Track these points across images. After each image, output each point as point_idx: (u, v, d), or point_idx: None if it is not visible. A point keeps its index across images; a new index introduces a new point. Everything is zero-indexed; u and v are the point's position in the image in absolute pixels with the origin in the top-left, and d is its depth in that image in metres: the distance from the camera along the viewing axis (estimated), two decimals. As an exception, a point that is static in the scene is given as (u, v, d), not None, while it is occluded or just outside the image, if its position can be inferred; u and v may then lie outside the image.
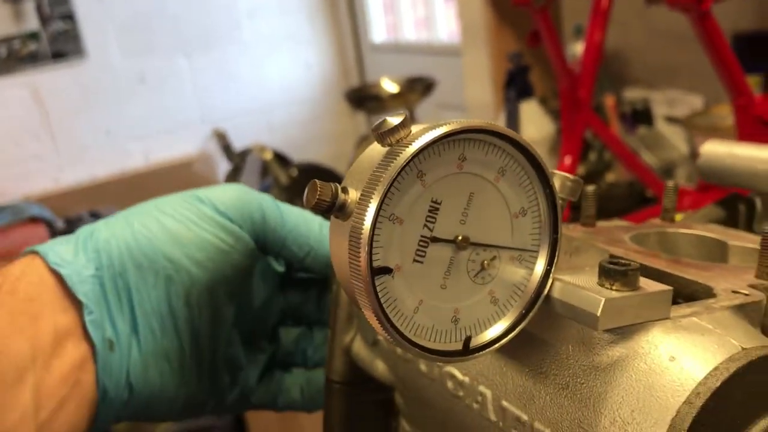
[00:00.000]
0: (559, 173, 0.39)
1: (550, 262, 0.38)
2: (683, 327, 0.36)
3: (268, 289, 0.63)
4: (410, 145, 0.33)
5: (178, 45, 3.27)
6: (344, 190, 0.34)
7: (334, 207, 0.34)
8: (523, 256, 0.38)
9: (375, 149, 0.36)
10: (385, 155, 0.34)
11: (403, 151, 0.33)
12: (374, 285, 0.34)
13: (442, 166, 0.35)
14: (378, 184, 0.33)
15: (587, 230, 0.55)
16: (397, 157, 0.33)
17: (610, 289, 0.36)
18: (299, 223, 0.60)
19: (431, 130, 0.33)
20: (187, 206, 0.58)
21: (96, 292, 0.53)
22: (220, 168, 3.11)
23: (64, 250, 0.54)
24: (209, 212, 0.58)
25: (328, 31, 3.66)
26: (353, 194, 0.34)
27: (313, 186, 0.34)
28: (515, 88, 1.91)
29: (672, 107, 1.95)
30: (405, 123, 0.34)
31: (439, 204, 0.35)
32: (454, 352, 0.37)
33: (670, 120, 1.91)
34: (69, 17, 3.04)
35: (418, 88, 2.41)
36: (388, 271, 0.34)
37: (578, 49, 1.94)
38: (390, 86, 2.44)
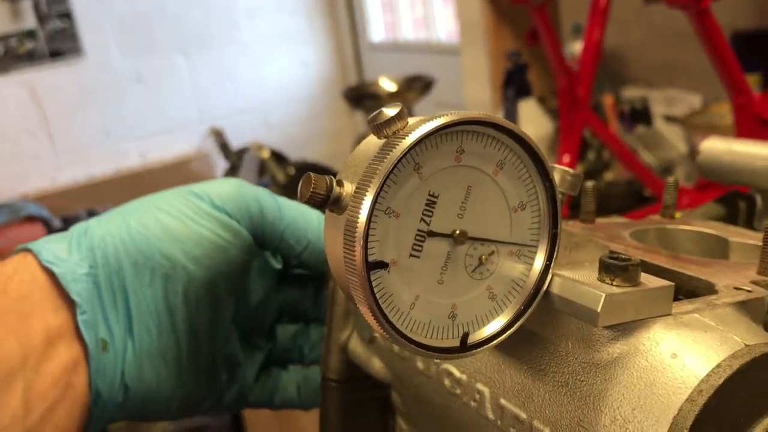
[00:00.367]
0: (559, 167, 0.39)
1: (550, 258, 0.37)
2: (685, 323, 0.36)
3: (265, 285, 0.62)
4: (407, 137, 0.32)
5: (176, 44, 3.26)
6: (339, 183, 0.34)
7: (329, 200, 0.33)
8: (522, 251, 0.37)
9: (371, 141, 0.35)
10: (381, 147, 0.33)
11: (400, 143, 0.32)
12: (370, 280, 0.33)
13: (440, 158, 0.34)
14: (374, 177, 0.32)
15: (586, 227, 0.54)
16: (394, 149, 0.32)
17: (611, 285, 0.35)
18: (297, 216, 0.59)
19: (428, 122, 0.33)
20: (184, 202, 0.57)
21: (90, 291, 0.52)
22: (218, 167, 3.10)
23: (57, 248, 0.53)
24: (206, 207, 0.57)
25: (327, 30, 3.65)
26: (348, 187, 0.33)
27: (308, 179, 0.33)
28: (514, 86, 1.90)
29: (671, 106, 1.94)
30: (401, 115, 0.33)
31: (437, 197, 0.34)
32: (451, 349, 0.36)
33: (669, 119, 1.91)
34: (66, 16, 3.03)
35: (416, 87, 2.41)
36: (384, 265, 0.33)
37: (577, 47, 1.94)
38: (388, 85, 2.44)
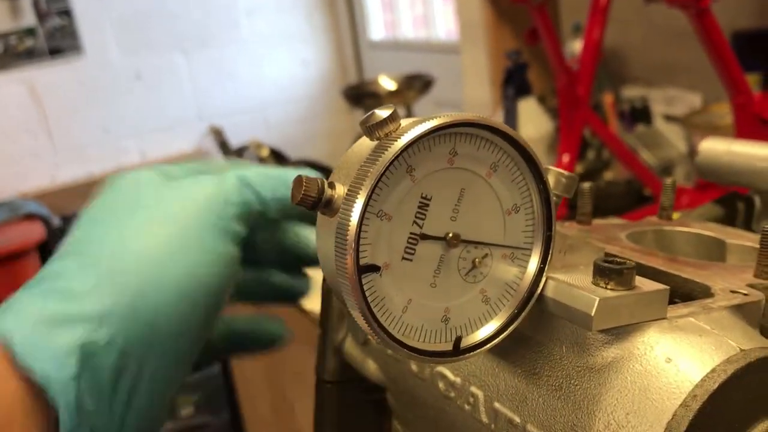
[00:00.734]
0: (554, 169, 0.38)
1: (544, 261, 0.37)
2: (680, 327, 0.35)
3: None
4: (399, 139, 0.32)
5: (176, 42, 3.26)
6: (331, 185, 0.33)
7: (320, 203, 0.33)
8: (516, 254, 0.37)
9: (363, 143, 0.35)
10: (373, 149, 0.33)
11: (392, 145, 0.32)
12: (361, 283, 0.33)
13: (433, 160, 0.34)
14: (365, 179, 0.32)
15: (583, 228, 0.54)
16: (386, 151, 0.32)
17: (605, 288, 0.35)
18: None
19: (421, 124, 0.32)
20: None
21: (82, 392, 0.40)
22: (217, 165, 3.10)
23: (38, 338, 0.39)
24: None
25: (326, 29, 3.65)
26: (340, 189, 0.33)
27: (299, 181, 0.33)
28: (513, 85, 1.90)
29: (671, 105, 1.94)
30: (394, 116, 0.33)
31: (429, 200, 0.34)
32: (445, 353, 0.36)
33: (669, 118, 1.90)
34: (66, 13, 3.02)
35: (416, 85, 2.40)
36: (376, 269, 0.33)
37: (577, 46, 1.93)
38: (388, 83, 2.43)
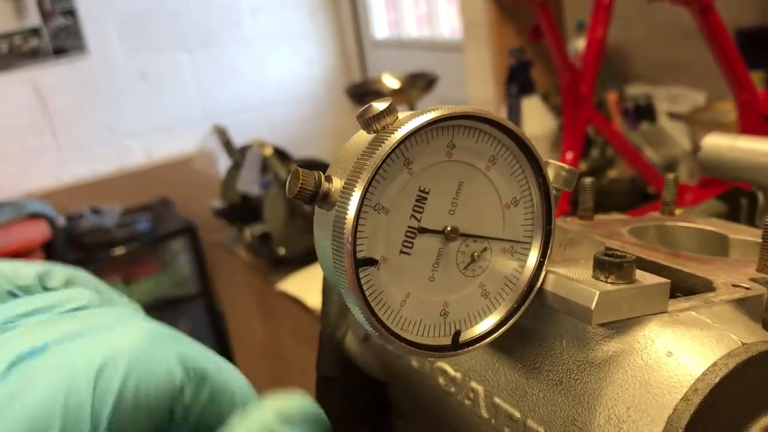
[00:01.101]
0: (554, 163, 0.38)
1: (543, 254, 0.37)
2: (681, 321, 0.35)
3: None
4: (396, 132, 0.32)
5: (180, 41, 3.26)
6: (328, 178, 0.33)
7: (317, 196, 0.33)
8: (515, 248, 0.37)
9: (361, 136, 0.34)
10: (370, 142, 0.33)
11: (389, 138, 0.32)
12: (359, 277, 0.32)
13: (430, 153, 0.34)
14: (362, 172, 0.32)
15: (585, 224, 0.54)
16: (383, 144, 0.32)
17: (605, 282, 0.34)
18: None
19: (418, 116, 0.32)
20: None
21: None
22: (221, 164, 3.10)
23: None
24: None
25: (330, 28, 3.64)
26: (337, 183, 0.33)
27: (296, 174, 0.32)
28: (517, 84, 1.90)
29: (674, 103, 1.93)
30: (391, 109, 0.32)
31: (427, 193, 0.34)
32: (444, 347, 0.36)
33: (673, 116, 1.89)
34: (70, 13, 3.03)
35: (419, 84, 2.40)
36: (374, 262, 0.33)
37: (580, 44, 1.93)
38: (391, 82, 2.43)
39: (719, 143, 0.68)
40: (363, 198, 0.32)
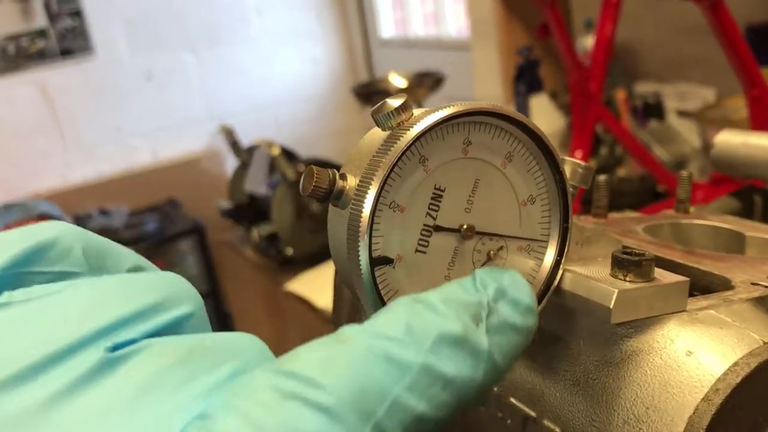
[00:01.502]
0: (570, 159, 0.37)
1: (561, 253, 0.36)
2: (700, 320, 0.34)
3: None
4: (412, 129, 0.31)
5: (186, 42, 3.26)
6: (342, 176, 0.33)
7: (331, 194, 0.32)
8: (532, 246, 0.36)
9: (375, 134, 0.34)
10: (385, 139, 0.32)
11: (404, 135, 0.31)
12: (374, 276, 0.32)
13: (446, 150, 0.33)
14: (377, 170, 0.31)
15: (598, 221, 0.53)
16: (398, 141, 0.31)
17: (624, 281, 0.34)
18: None
19: (434, 113, 0.32)
20: None
21: None
22: (228, 164, 3.10)
23: None
24: None
25: (337, 27, 3.64)
26: (352, 181, 0.32)
27: (310, 172, 0.32)
28: (525, 82, 1.89)
29: (683, 101, 1.92)
30: (406, 105, 0.32)
31: (443, 191, 0.33)
32: (459, 347, 0.35)
33: (682, 113, 1.89)
34: (77, 14, 3.03)
35: (427, 83, 2.39)
36: (389, 261, 0.32)
37: (589, 42, 1.92)
38: (398, 81, 2.42)
39: (731, 140, 0.67)
40: (378, 196, 0.31)
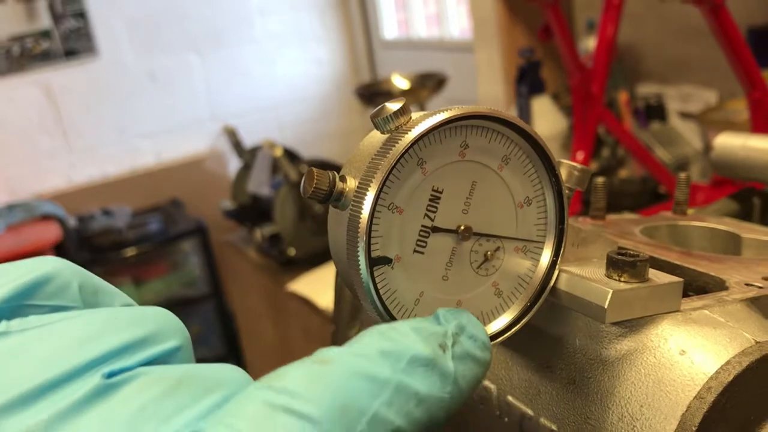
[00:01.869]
0: (566, 162, 0.38)
1: (557, 253, 0.37)
2: (694, 320, 0.35)
3: None
4: (410, 132, 0.32)
5: (190, 43, 3.27)
6: (342, 178, 0.33)
7: (331, 196, 0.33)
8: (528, 247, 0.37)
9: (374, 136, 0.35)
10: (384, 142, 0.33)
11: (403, 138, 0.32)
12: (373, 276, 0.33)
13: (444, 153, 0.34)
14: (377, 172, 0.32)
15: (596, 223, 0.54)
16: (397, 144, 0.32)
17: (618, 281, 0.35)
18: None
19: (432, 116, 0.32)
20: None
21: None
22: (231, 165, 3.11)
23: None
24: None
25: (340, 28, 3.65)
26: (351, 183, 0.33)
27: (310, 174, 0.33)
28: (527, 83, 1.89)
29: (685, 102, 1.93)
30: (405, 109, 0.33)
31: (441, 193, 0.34)
32: (457, 346, 0.36)
33: (684, 115, 1.89)
34: (81, 15, 3.04)
35: (429, 84, 2.40)
36: (387, 261, 0.33)
37: (591, 44, 1.93)
38: (401, 82, 2.43)
39: (731, 143, 0.68)
40: (377, 197, 0.32)
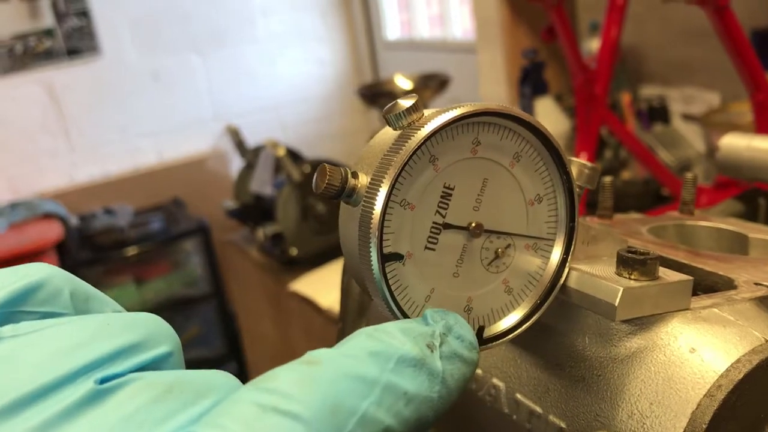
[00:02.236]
0: (577, 160, 0.38)
1: (567, 251, 0.37)
2: (704, 318, 0.35)
3: None
4: (422, 128, 0.32)
5: (192, 42, 3.27)
6: (354, 174, 0.33)
7: (343, 192, 0.33)
8: (539, 245, 0.37)
9: (386, 133, 0.35)
10: (396, 139, 0.33)
11: (415, 134, 0.32)
12: (384, 272, 0.33)
13: (456, 150, 0.34)
14: (389, 169, 0.32)
15: (604, 222, 0.54)
16: (409, 141, 0.32)
17: (629, 279, 0.35)
18: None
19: (444, 113, 0.33)
20: None
21: None
22: (233, 164, 3.11)
23: None
24: None
25: (342, 29, 3.65)
26: (363, 179, 0.33)
27: (323, 170, 0.33)
28: (530, 84, 1.90)
29: (689, 104, 1.93)
30: (417, 106, 0.33)
31: (452, 190, 0.34)
32: (467, 343, 0.36)
33: (687, 117, 1.89)
34: (84, 14, 3.05)
35: (432, 84, 2.40)
36: (399, 257, 0.33)
37: (594, 45, 1.93)
38: (404, 83, 2.43)
39: (736, 143, 0.68)
40: (389, 194, 0.32)
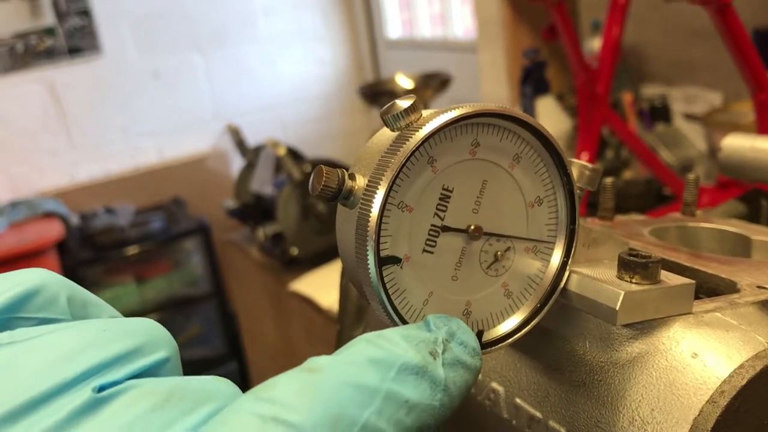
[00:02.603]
0: (577, 162, 0.38)
1: (567, 254, 0.37)
2: (706, 322, 0.35)
3: None
4: (420, 129, 0.32)
5: (193, 42, 3.27)
6: (351, 176, 0.33)
7: (340, 194, 0.32)
8: (539, 248, 0.36)
9: (384, 134, 0.34)
10: (394, 140, 0.32)
11: (413, 136, 0.32)
12: (382, 275, 0.32)
13: (455, 152, 0.33)
14: (386, 170, 0.31)
15: (605, 224, 0.53)
16: (407, 142, 0.32)
17: (630, 282, 0.34)
18: None
19: (443, 114, 0.32)
20: None
21: None
22: (234, 164, 3.11)
23: None
24: None
25: (343, 28, 3.65)
26: (360, 181, 0.33)
27: (319, 172, 0.32)
28: (531, 84, 1.89)
29: (690, 104, 1.92)
30: (415, 106, 0.32)
31: (451, 192, 0.34)
32: (466, 347, 0.35)
33: (689, 117, 1.88)
34: (85, 13, 3.04)
35: (433, 84, 2.39)
36: (397, 260, 0.33)
37: (596, 44, 1.92)
38: (405, 82, 2.42)
39: (739, 144, 0.67)
40: (387, 196, 0.31)
